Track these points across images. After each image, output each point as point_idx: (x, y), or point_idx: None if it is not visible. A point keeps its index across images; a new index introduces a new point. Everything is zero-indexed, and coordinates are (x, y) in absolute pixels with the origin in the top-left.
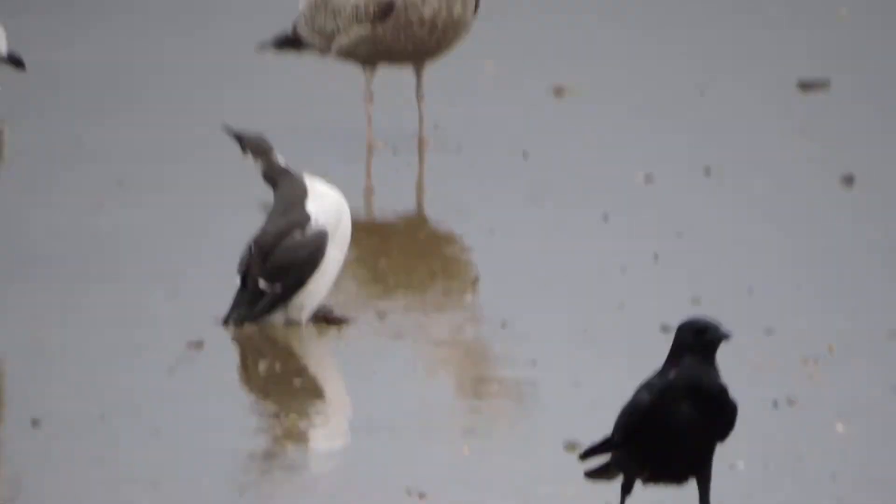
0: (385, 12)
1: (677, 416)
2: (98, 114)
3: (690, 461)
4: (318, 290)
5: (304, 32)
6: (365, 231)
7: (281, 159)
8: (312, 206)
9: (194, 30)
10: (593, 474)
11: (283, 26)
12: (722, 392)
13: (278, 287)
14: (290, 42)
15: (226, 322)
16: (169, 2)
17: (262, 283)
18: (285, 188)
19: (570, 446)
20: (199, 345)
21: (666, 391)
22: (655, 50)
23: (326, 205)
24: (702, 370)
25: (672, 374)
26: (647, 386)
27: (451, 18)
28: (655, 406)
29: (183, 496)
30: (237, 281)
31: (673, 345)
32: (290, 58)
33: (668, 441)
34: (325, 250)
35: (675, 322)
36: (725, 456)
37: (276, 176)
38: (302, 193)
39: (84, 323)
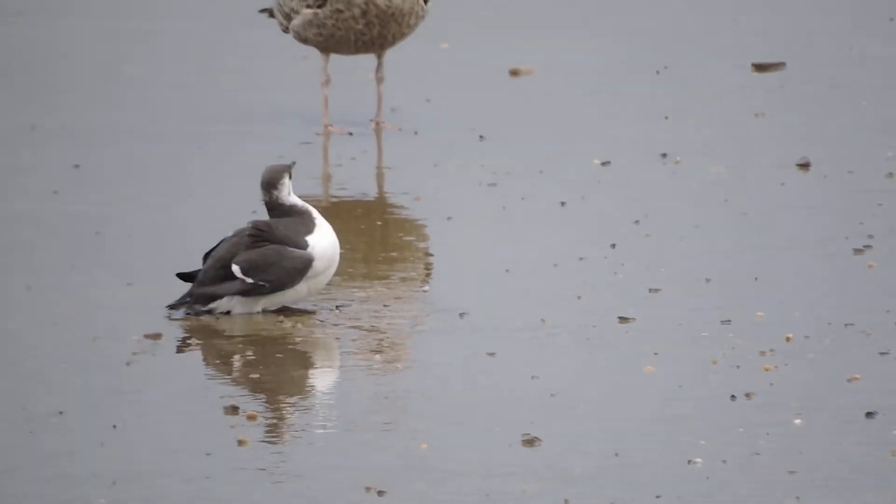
0: None
1: None
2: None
3: None
4: (278, 302)
5: (273, 7)
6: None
7: (289, 191)
8: (313, 241)
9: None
10: None
11: None
12: None
13: (249, 280)
14: (271, 13)
15: (184, 301)
16: None
17: (234, 267)
18: (295, 217)
19: (527, 441)
20: (156, 336)
21: None
22: (611, 31)
23: (325, 247)
24: None
25: None
26: None
27: (386, 12)
28: None
29: (140, 494)
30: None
31: None
32: (251, 38)
33: None
34: (301, 279)
35: (633, 313)
36: (683, 452)
37: (285, 212)
38: (310, 225)
39: (39, 314)
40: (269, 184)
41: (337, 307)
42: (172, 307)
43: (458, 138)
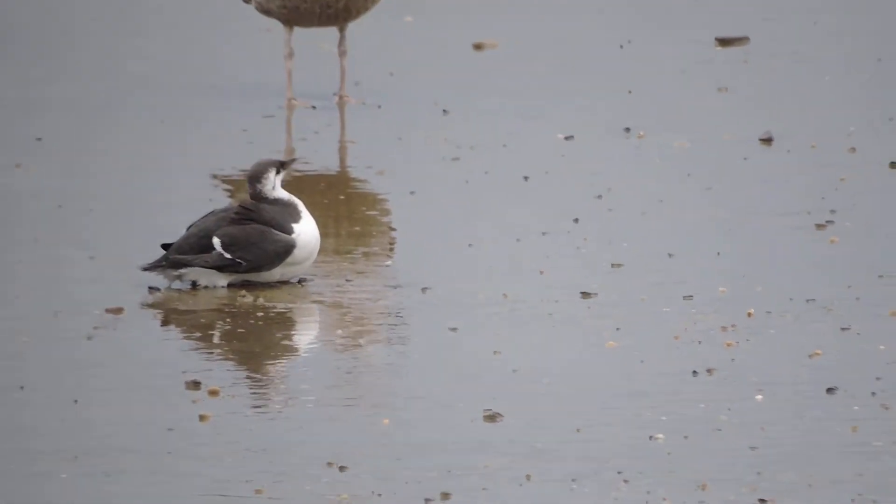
0: None
1: None
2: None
3: None
4: (243, 278)
5: None
6: (286, 191)
7: (274, 185)
8: (299, 228)
9: None
10: None
11: None
12: None
13: (227, 255)
14: None
15: (159, 264)
16: None
17: (215, 240)
18: (281, 206)
19: (489, 416)
20: (118, 311)
21: None
22: (575, 5)
23: (308, 238)
24: None
25: None
26: None
27: None
28: None
29: (102, 468)
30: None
31: None
32: (214, 10)
33: None
34: (279, 263)
35: (595, 288)
36: (644, 427)
37: (269, 203)
38: (296, 215)
39: (1, 288)
40: (253, 177)
41: (299, 282)
42: (147, 269)
43: (421, 112)
